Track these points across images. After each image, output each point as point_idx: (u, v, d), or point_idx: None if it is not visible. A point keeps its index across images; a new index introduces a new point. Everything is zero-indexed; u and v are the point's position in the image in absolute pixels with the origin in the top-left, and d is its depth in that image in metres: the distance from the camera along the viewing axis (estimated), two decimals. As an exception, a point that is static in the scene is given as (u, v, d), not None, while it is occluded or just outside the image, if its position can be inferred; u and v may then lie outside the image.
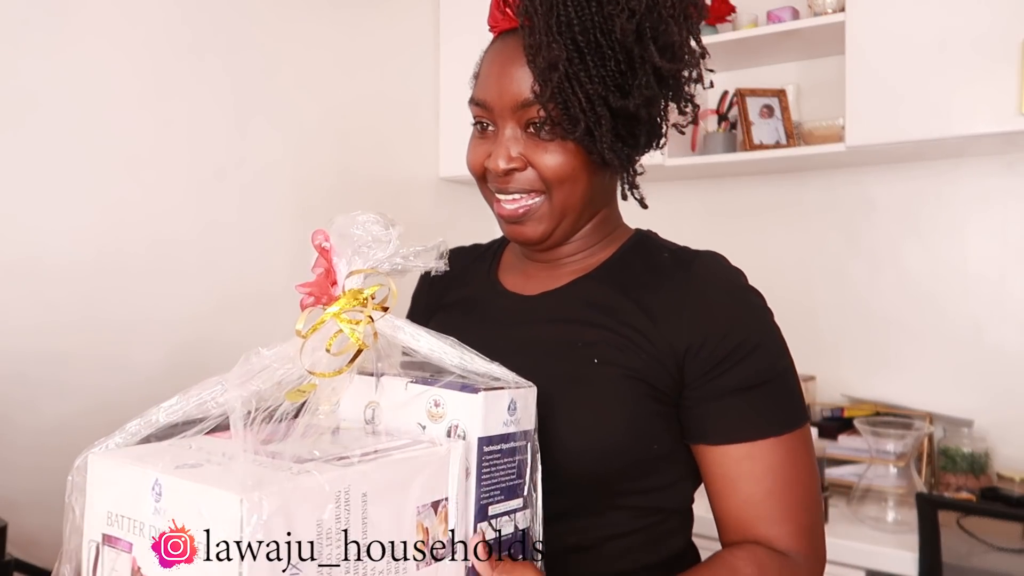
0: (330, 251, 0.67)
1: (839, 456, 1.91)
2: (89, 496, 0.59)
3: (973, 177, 2.00)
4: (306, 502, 0.52)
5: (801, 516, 0.75)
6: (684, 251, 0.85)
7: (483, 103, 0.80)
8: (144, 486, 0.54)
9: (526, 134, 0.78)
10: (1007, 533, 1.59)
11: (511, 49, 0.78)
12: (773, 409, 0.76)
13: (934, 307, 2.04)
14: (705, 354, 0.75)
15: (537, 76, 0.74)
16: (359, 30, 2.15)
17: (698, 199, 2.36)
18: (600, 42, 0.73)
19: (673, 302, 0.78)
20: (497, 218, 0.84)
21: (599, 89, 0.74)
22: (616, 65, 0.74)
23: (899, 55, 1.77)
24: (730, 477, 0.76)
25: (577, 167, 0.78)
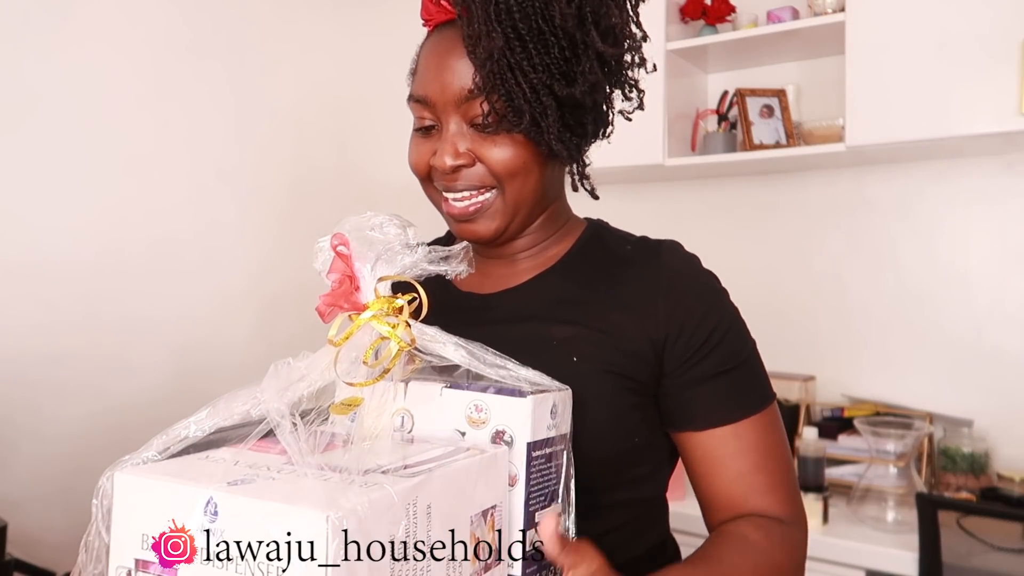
0: (350, 256, 0.65)
1: (839, 456, 1.91)
2: (117, 518, 0.55)
3: (973, 177, 1.99)
4: (382, 516, 0.50)
5: (787, 484, 0.79)
6: (645, 241, 0.85)
7: (424, 99, 0.77)
8: (193, 505, 0.50)
9: (471, 129, 0.75)
10: (1007, 533, 1.59)
11: (448, 41, 0.75)
12: (749, 388, 0.79)
13: (934, 307, 2.04)
14: (684, 342, 0.76)
15: (478, 67, 0.72)
16: (358, 30, 2.15)
17: (698, 199, 2.36)
18: (542, 28, 0.71)
19: (646, 293, 0.78)
20: (446, 218, 0.81)
21: (543, 78, 0.72)
22: (559, 52, 0.72)
23: (899, 55, 1.77)
24: (717, 457, 0.77)
25: (528, 159, 0.76)
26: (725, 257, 2.25)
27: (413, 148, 0.81)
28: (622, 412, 0.76)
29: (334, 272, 0.65)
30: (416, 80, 0.79)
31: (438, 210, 0.83)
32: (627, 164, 2.07)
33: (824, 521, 1.69)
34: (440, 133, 0.77)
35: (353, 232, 0.65)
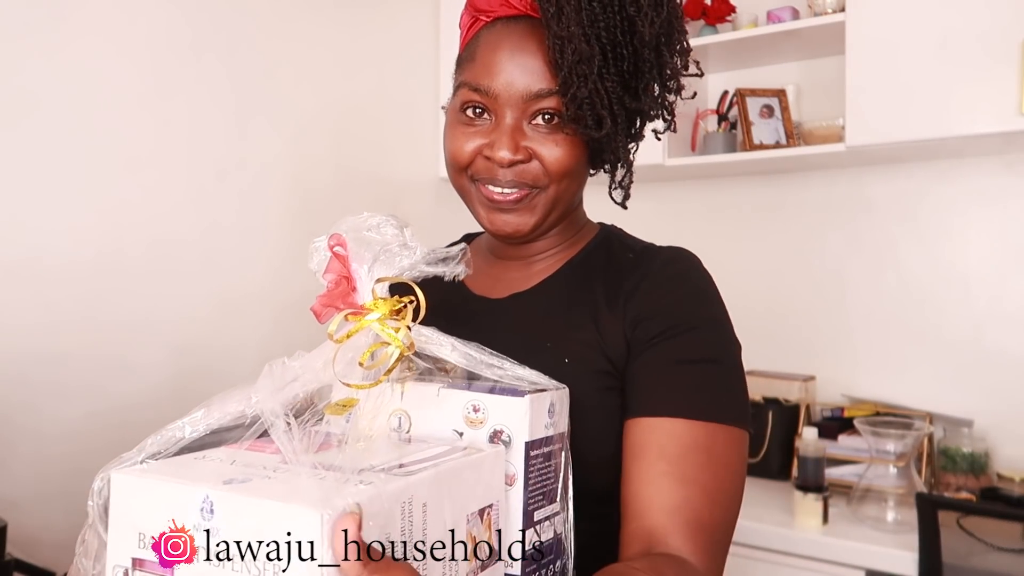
0: (347, 257, 0.64)
1: (839, 456, 1.91)
2: (113, 518, 0.55)
3: (973, 177, 2.00)
4: (377, 514, 0.50)
5: (703, 508, 0.68)
6: (649, 248, 0.84)
7: (486, 91, 0.76)
8: (190, 504, 0.50)
9: (530, 125, 0.76)
10: (1007, 533, 1.59)
11: (519, 37, 0.75)
12: (705, 393, 0.72)
13: (934, 307, 2.04)
14: (644, 327, 0.75)
15: (564, 71, 0.72)
16: (359, 30, 2.15)
17: (698, 199, 2.36)
18: (619, 41, 0.73)
19: (630, 288, 0.78)
20: (480, 208, 0.80)
21: (618, 89, 0.74)
22: (628, 67, 0.74)
23: (899, 55, 1.77)
24: (639, 446, 0.71)
25: (581, 161, 0.78)
26: (725, 257, 2.26)
27: (457, 134, 0.79)
28: (612, 411, 0.75)
29: (330, 272, 0.64)
30: (476, 69, 0.77)
31: (465, 201, 0.82)
32: (627, 164, 2.07)
33: (824, 521, 1.69)
34: (494, 124, 0.77)
35: (350, 233, 0.65)
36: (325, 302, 0.64)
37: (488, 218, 0.80)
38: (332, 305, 0.63)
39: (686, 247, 0.84)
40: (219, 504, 0.50)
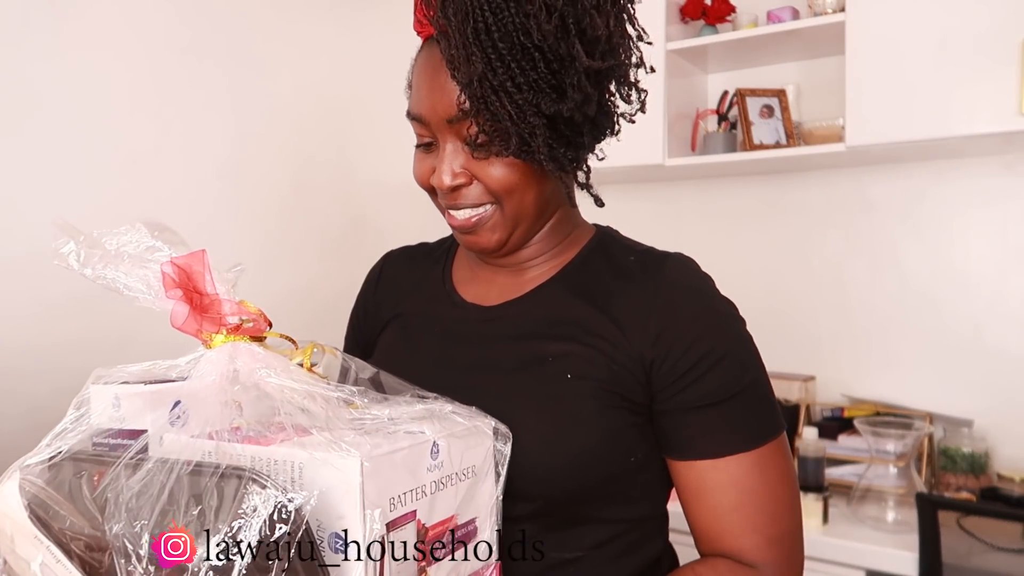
0: (203, 277, 0.62)
1: (839, 456, 1.91)
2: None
3: (973, 177, 2.00)
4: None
5: (770, 527, 0.73)
6: (650, 253, 0.81)
7: (419, 118, 0.75)
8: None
9: (466, 147, 0.74)
10: (1007, 533, 1.59)
11: (436, 59, 0.73)
12: (739, 424, 0.73)
13: (934, 307, 2.04)
14: (668, 366, 0.73)
15: (462, 90, 0.70)
16: (357, 32, 2.15)
17: (698, 199, 2.36)
18: (524, 45, 0.68)
19: (640, 309, 0.75)
20: (454, 232, 0.81)
21: (528, 97, 0.69)
22: (545, 67, 0.69)
23: (899, 55, 1.77)
24: (696, 489, 0.74)
25: (524, 176, 0.74)
26: (725, 257, 2.26)
27: (416, 163, 0.80)
28: (618, 431, 0.74)
29: (172, 291, 0.60)
30: (412, 97, 0.78)
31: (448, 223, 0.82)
32: (627, 164, 2.07)
33: (824, 521, 1.69)
34: (437, 154, 0.76)
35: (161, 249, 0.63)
36: (189, 327, 0.62)
37: (459, 239, 0.80)
38: (197, 331, 0.62)
39: (684, 249, 0.83)
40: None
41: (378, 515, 0.53)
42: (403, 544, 0.56)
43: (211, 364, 0.60)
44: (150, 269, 0.60)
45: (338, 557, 0.54)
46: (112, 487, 0.52)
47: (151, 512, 0.50)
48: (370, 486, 0.53)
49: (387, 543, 0.55)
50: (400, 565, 0.56)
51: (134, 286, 0.61)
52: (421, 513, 0.59)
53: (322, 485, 0.52)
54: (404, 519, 0.57)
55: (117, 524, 0.50)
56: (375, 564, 0.54)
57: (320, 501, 0.52)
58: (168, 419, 0.58)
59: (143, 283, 0.61)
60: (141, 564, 0.49)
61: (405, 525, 0.57)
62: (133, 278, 0.61)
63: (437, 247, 0.96)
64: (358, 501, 0.53)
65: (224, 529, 0.48)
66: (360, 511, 0.53)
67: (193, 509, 0.50)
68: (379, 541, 0.54)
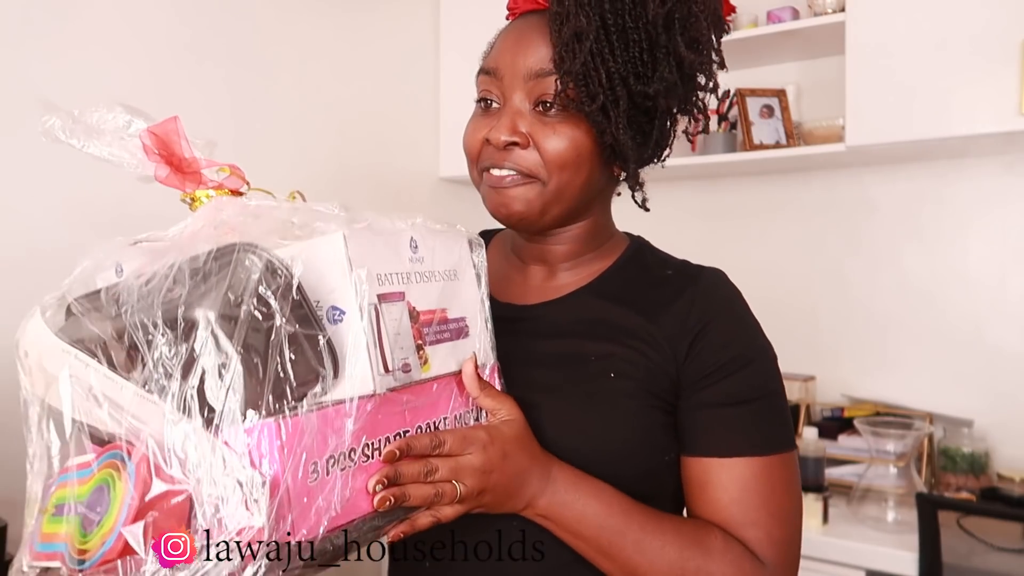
0: (179, 141, 0.66)
1: (839, 456, 1.91)
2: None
3: (973, 177, 2.00)
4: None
5: (770, 526, 0.73)
6: (686, 266, 0.84)
7: (493, 71, 0.77)
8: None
9: (534, 112, 0.75)
10: (1007, 533, 1.59)
11: (530, 24, 0.76)
12: (751, 429, 0.75)
13: (934, 307, 2.04)
14: (698, 365, 0.75)
15: (560, 46, 0.72)
16: (360, 32, 2.15)
17: (698, 199, 2.36)
18: (628, 23, 0.71)
19: (676, 315, 0.77)
20: (486, 195, 0.80)
21: (620, 69, 0.72)
22: (639, 51, 0.72)
23: (899, 55, 1.77)
24: (700, 483, 0.76)
25: (582, 153, 0.75)
26: (725, 257, 2.25)
27: (471, 125, 0.80)
28: (654, 429, 0.76)
29: (153, 156, 0.65)
30: (489, 54, 0.80)
31: (481, 192, 0.81)
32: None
33: (824, 521, 1.69)
34: (502, 110, 0.77)
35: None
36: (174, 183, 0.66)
37: (491, 201, 0.79)
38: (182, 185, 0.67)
39: (684, 249, 0.87)
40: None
41: (364, 275, 0.59)
42: (397, 319, 0.62)
43: (200, 217, 0.64)
44: (131, 141, 0.64)
45: (338, 327, 0.58)
46: (124, 289, 0.57)
47: (159, 293, 0.55)
48: (354, 252, 0.59)
49: (381, 313, 0.60)
50: (396, 335, 0.62)
51: (118, 155, 0.65)
52: (410, 297, 0.64)
53: (315, 267, 0.58)
54: (394, 296, 0.63)
55: (133, 314, 0.55)
56: (371, 325, 0.59)
57: (316, 279, 0.58)
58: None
59: (126, 152, 0.65)
60: (160, 331, 0.53)
61: (396, 302, 0.63)
62: (116, 148, 0.65)
63: None
64: (345, 265, 0.58)
65: (226, 285, 0.53)
66: (348, 272, 0.58)
67: (197, 285, 0.54)
68: (373, 305, 0.59)
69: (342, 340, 0.58)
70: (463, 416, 0.69)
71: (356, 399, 0.57)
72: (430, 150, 2.36)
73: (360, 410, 0.57)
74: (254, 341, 0.52)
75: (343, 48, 2.11)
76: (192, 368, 0.52)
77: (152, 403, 0.53)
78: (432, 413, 0.66)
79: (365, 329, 0.58)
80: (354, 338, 0.58)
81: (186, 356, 0.52)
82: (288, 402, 0.53)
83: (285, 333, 0.53)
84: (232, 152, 2.00)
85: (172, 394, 0.52)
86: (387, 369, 0.60)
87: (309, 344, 0.55)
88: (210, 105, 1.77)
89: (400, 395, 0.62)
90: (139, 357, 0.54)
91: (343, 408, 0.57)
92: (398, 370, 0.61)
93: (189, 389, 0.52)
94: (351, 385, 0.58)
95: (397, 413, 0.62)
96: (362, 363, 0.58)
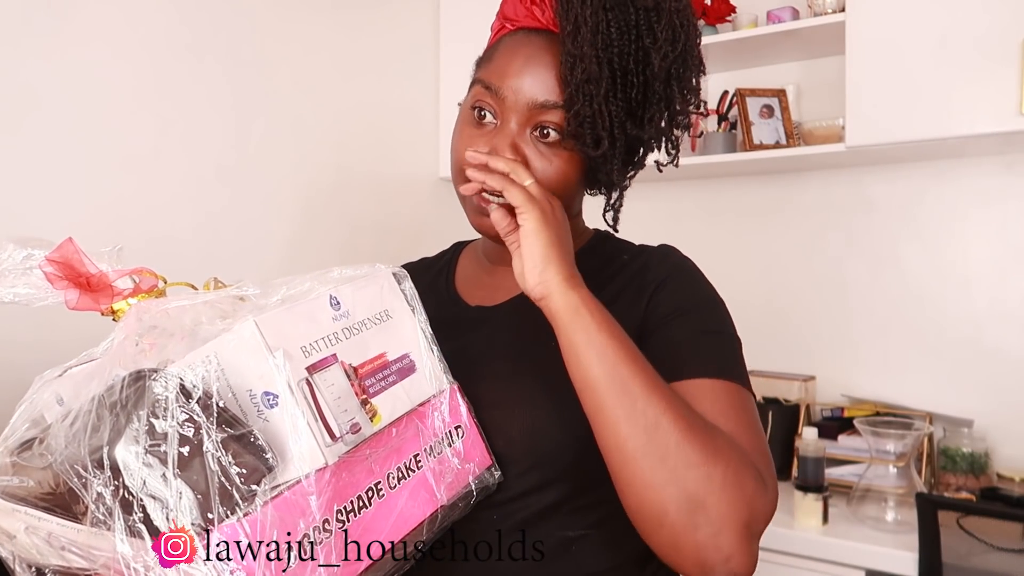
0: (80, 260, 0.67)
1: (839, 456, 1.91)
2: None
3: (973, 177, 2.00)
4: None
5: (756, 439, 0.72)
6: (642, 248, 0.89)
7: (497, 91, 0.77)
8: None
9: (531, 137, 0.77)
10: (1007, 533, 1.59)
11: (537, 48, 0.77)
12: (721, 356, 0.77)
13: (934, 307, 2.04)
14: (658, 310, 0.79)
15: (572, 88, 0.74)
16: (359, 31, 2.15)
17: (698, 199, 2.36)
18: (631, 69, 0.75)
19: (635, 286, 0.82)
20: (469, 210, 0.81)
21: (621, 114, 0.75)
22: (636, 96, 0.76)
23: (899, 55, 1.77)
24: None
25: (571, 184, 0.79)
26: (725, 257, 2.26)
27: (463, 135, 0.80)
28: None
29: (59, 283, 0.65)
30: (492, 69, 0.79)
31: (463, 205, 0.82)
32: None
33: (824, 521, 1.69)
34: (498, 128, 0.78)
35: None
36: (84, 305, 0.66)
37: (474, 219, 0.81)
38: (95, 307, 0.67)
39: (684, 249, 0.87)
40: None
41: (282, 355, 0.59)
42: (333, 384, 0.62)
43: (120, 329, 0.64)
44: (34, 274, 0.65)
45: (275, 411, 0.59)
46: (53, 438, 0.58)
47: (84, 433, 0.55)
48: (269, 334, 0.59)
49: (315, 384, 0.60)
50: (336, 399, 0.61)
51: (23, 293, 0.65)
52: (343, 356, 0.64)
53: (235, 359, 0.59)
54: (325, 362, 0.62)
55: (61, 455, 0.56)
56: (306, 400, 0.59)
57: (240, 371, 0.59)
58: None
59: (32, 288, 0.65)
60: (91, 474, 0.54)
61: (328, 367, 0.62)
62: (20, 287, 0.65)
63: (437, 260, 1.00)
64: (263, 351, 0.58)
65: (144, 415, 0.53)
66: (268, 358, 0.58)
67: (117, 418, 0.55)
68: (303, 380, 0.60)
69: (282, 423, 0.58)
70: (436, 446, 0.70)
71: (312, 473, 0.57)
72: (430, 150, 2.36)
73: (320, 483, 0.58)
74: (185, 462, 0.53)
75: (343, 47, 2.11)
76: (131, 505, 0.53)
77: (104, 537, 0.54)
78: (400, 456, 0.66)
79: (300, 406, 0.58)
80: (291, 419, 0.58)
81: (122, 494, 0.53)
82: (240, 504, 0.53)
83: (216, 442, 0.54)
84: (232, 152, 2.01)
85: (119, 529, 0.53)
86: (333, 438, 0.59)
87: (243, 443, 0.55)
88: (210, 104, 1.77)
89: (360, 451, 0.62)
90: (80, 499, 0.56)
91: (301, 488, 0.57)
92: (347, 434, 0.61)
93: (135, 523, 0.53)
94: (301, 464, 0.58)
95: (363, 470, 0.62)
96: (306, 440, 0.58)
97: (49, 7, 1.47)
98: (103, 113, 1.56)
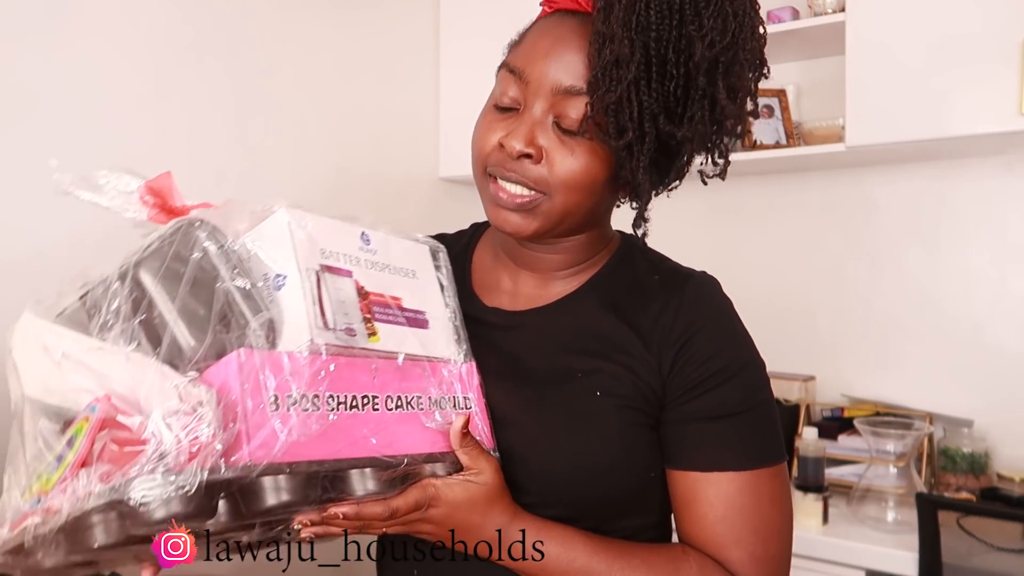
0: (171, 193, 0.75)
1: (839, 456, 1.91)
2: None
3: (973, 178, 1.99)
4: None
5: (755, 545, 0.72)
6: (675, 273, 0.82)
7: (521, 73, 0.72)
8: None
9: (554, 126, 0.72)
10: (1007, 533, 1.59)
11: (568, 30, 0.71)
12: (737, 443, 0.74)
13: (934, 307, 2.04)
14: (682, 378, 0.74)
15: (598, 69, 0.67)
16: (359, 31, 2.15)
17: (698, 199, 2.35)
18: (669, 58, 0.67)
19: (663, 326, 0.76)
20: (488, 204, 0.77)
21: (653, 105, 0.68)
22: (674, 89, 0.68)
23: (899, 55, 1.77)
24: (686, 499, 0.75)
25: (596, 181, 0.73)
26: (725, 257, 2.26)
27: (485, 124, 0.76)
28: (640, 447, 0.75)
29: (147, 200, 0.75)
30: (519, 52, 0.75)
31: (481, 196, 0.79)
32: (627, 164, 2.07)
33: (824, 521, 1.69)
34: (520, 114, 0.73)
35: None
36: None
37: (492, 213, 0.77)
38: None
39: (684, 249, 0.86)
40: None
41: (303, 238, 0.63)
42: (340, 289, 0.65)
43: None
44: (133, 194, 0.77)
45: (281, 292, 0.62)
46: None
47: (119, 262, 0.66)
48: (296, 223, 0.64)
49: (323, 280, 0.63)
50: (339, 302, 0.64)
51: (119, 205, 0.77)
52: (358, 277, 0.67)
53: (263, 245, 0.64)
54: (340, 271, 0.66)
55: (97, 286, 0.67)
56: (312, 285, 0.62)
57: (264, 257, 0.63)
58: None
59: (127, 203, 0.77)
60: (112, 291, 0.63)
61: (342, 276, 0.66)
62: (118, 201, 0.78)
63: (455, 241, 0.93)
64: (285, 233, 0.63)
65: (175, 243, 0.63)
66: (288, 238, 0.63)
67: (152, 250, 0.65)
68: (314, 270, 0.63)
69: (284, 303, 0.62)
70: (442, 402, 0.71)
71: (307, 346, 0.60)
72: (430, 150, 2.36)
73: (314, 364, 0.60)
74: (199, 287, 0.58)
75: (343, 47, 2.11)
76: (139, 309, 0.60)
77: (112, 354, 0.58)
78: (404, 388, 0.67)
79: (303, 287, 0.61)
80: (292, 298, 0.61)
81: (141, 301, 0.60)
82: (236, 335, 0.57)
83: (231, 283, 0.59)
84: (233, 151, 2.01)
85: (123, 331, 0.59)
86: (327, 326, 0.61)
87: (250, 296, 0.59)
88: (211, 104, 1.77)
89: (366, 361, 0.64)
90: (98, 312, 0.62)
91: (295, 356, 0.59)
92: (340, 330, 0.62)
93: (137, 327, 0.59)
94: (292, 337, 0.60)
95: (365, 377, 0.64)
96: (300, 316, 0.60)
97: (49, 6, 1.47)
98: (103, 113, 1.56)
